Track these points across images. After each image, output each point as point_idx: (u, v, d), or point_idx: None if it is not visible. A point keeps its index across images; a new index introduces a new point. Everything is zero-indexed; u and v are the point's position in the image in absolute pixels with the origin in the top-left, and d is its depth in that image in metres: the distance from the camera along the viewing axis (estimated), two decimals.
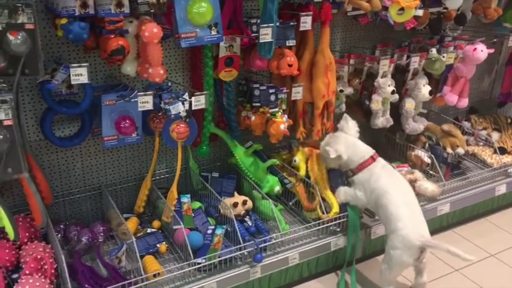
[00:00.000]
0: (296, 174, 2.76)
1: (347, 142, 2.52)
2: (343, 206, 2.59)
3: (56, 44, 2.28)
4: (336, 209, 2.57)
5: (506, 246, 2.97)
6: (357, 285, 2.54)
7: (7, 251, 2.12)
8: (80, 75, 2.01)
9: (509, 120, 3.83)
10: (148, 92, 2.18)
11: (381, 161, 2.53)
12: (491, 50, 3.13)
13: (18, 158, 1.96)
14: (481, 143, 3.56)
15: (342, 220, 2.58)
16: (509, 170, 3.27)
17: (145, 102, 2.17)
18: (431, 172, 3.11)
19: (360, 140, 2.58)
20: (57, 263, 2.12)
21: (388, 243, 2.36)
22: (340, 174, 2.70)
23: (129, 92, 2.28)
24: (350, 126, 2.58)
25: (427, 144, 3.26)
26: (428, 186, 2.84)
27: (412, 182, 2.85)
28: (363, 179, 2.49)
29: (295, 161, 2.84)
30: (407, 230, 2.29)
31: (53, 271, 2.07)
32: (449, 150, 3.26)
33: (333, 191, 2.65)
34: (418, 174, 2.93)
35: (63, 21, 1.97)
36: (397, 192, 2.41)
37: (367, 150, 2.53)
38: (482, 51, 3.08)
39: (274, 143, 2.66)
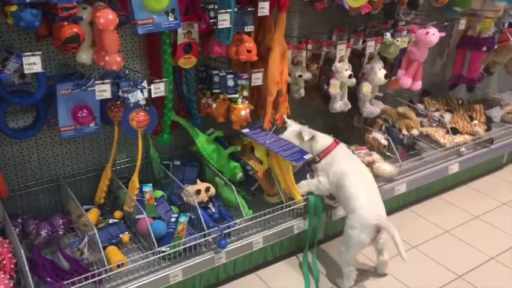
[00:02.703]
0: (257, 159, 2.78)
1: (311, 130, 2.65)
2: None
3: (6, 32, 2.20)
4: (299, 198, 2.61)
5: (460, 222, 3.11)
6: (318, 266, 2.60)
7: None
8: (33, 64, 1.94)
9: (460, 102, 3.99)
10: (105, 81, 2.13)
11: (343, 146, 2.64)
12: (443, 34, 3.22)
13: None
14: (434, 124, 3.69)
15: (304, 203, 2.63)
16: (461, 150, 3.41)
17: (103, 90, 2.13)
18: (388, 154, 3.20)
19: (319, 128, 2.70)
20: (16, 257, 2.06)
21: (347, 223, 2.43)
22: (303, 171, 2.75)
23: (85, 81, 2.22)
24: (294, 123, 2.76)
25: (383, 127, 3.35)
26: (386, 168, 2.93)
27: (371, 164, 2.93)
28: (325, 165, 2.58)
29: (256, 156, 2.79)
30: (364, 210, 2.37)
31: (12, 266, 2.02)
32: (404, 131, 3.36)
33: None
34: (375, 156, 3.00)
35: (13, 8, 1.89)
36: (355, 174, 2.50)
37: (328, 137, 2.66)
38: (434, 34, 3.17)
39: (237, 129, 2.67)
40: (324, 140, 2.64)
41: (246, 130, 2.69)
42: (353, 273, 2.46)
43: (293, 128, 2.70)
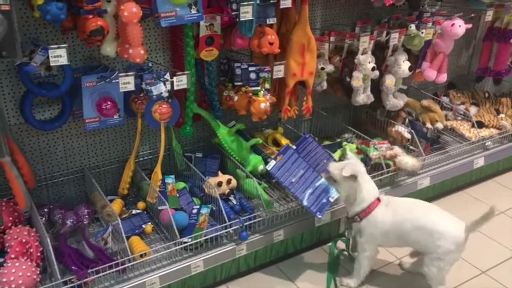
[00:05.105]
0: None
1: (363, 170, 2.35)
2: None
3: (32, 25, 2.24)
4: None
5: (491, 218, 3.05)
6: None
7: None
8: (59, 56, 1.98)
9: (486, 95, 3.91)
10: (129, 73, 2.16)
11: (383, 199, 2.38)
12: (469, 25, 3.16)
13: None
14: (460, 118, 3.62)
15: None
16: (486, 144, 3.35)
17: (127, 83, 2.15)
18: (411, 147, 3.16)
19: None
20: (43, 246, 2.12)
21: (438, 251, 2.23)
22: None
23: (109, 73, 2.25)
24: (354, 158, 2.43)
25: (407, 120, 3.31)
26: (409, 161, 2.89)
27: (393, 158, 2.91)
28: (369, 227, 2.33)
29: None
30: (451, 229, 2.23)
31: (38, 254, 2.07)
32: (428, 125, 3.31)
33: None
34: (397, 149, 2.97)
35: (40, 1, 1.93)
36: (414, 211, 2.33)
37: (375, 189, 2.38)
38: (460, 26, 3.11)
39: (257, 122, 2.67)
40: (367, 194, 2.32)
41: (270, 166, 2.43)
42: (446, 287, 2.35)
43: (344, 164, 2.36)
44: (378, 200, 2.35)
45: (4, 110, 2.28)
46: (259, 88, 2.59)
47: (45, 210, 2.40)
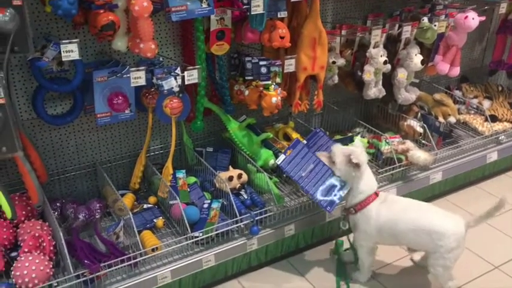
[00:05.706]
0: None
1: (366, 160, 2.32)
2: None
3: (44, 20, 2.24)
4: None
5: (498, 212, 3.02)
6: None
7: (5, 229, 2.14)
8: (70, 51, 1.99)
9: (500, 88, 3.86)
10: (140, 68, 2.16)
11: (381, 195, 2.35)
12: (483, 18, 3.12)
13: (12, 137, 1.95)
14: (472, 112, 3.59)
15: None
16: (500, 138, 3.31)
17: (138, 77, 2.15)
18: (423, 141, 3.14)
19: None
20: (55, 240, 2.13)
21: (440, 251, 2.20)
22: None
23: (120, 68, 2.26)
24: (359, 144, 2.42)
25: (419, 114, 3.28)
26: (421, 155, 2.87)
27: (405, 152, 2.88)
28: (363, 222, 2.32)
29: None
30: (451, 226, 2.20)
31: (51, 248, 2.08)
32: (441, 119, 3.28)
33: None
34: (409, 143, 2.95)
35: None
36: (410, 212, 2.28)
37: (374, 183, 2.35)
38: (473, 19, 3.07)
39: (268, 116, 2.66)
40: (365, 186, 2.30)
41: (280, 160, 2.41)
42: (456, 281, 2.32)
43: (349, 149, 2.34)
44: (376, 194, 2.32)
45: (16, 105, 2.29)
46: (270, 82, 2.58)
47: (58, 204, 2.42)
